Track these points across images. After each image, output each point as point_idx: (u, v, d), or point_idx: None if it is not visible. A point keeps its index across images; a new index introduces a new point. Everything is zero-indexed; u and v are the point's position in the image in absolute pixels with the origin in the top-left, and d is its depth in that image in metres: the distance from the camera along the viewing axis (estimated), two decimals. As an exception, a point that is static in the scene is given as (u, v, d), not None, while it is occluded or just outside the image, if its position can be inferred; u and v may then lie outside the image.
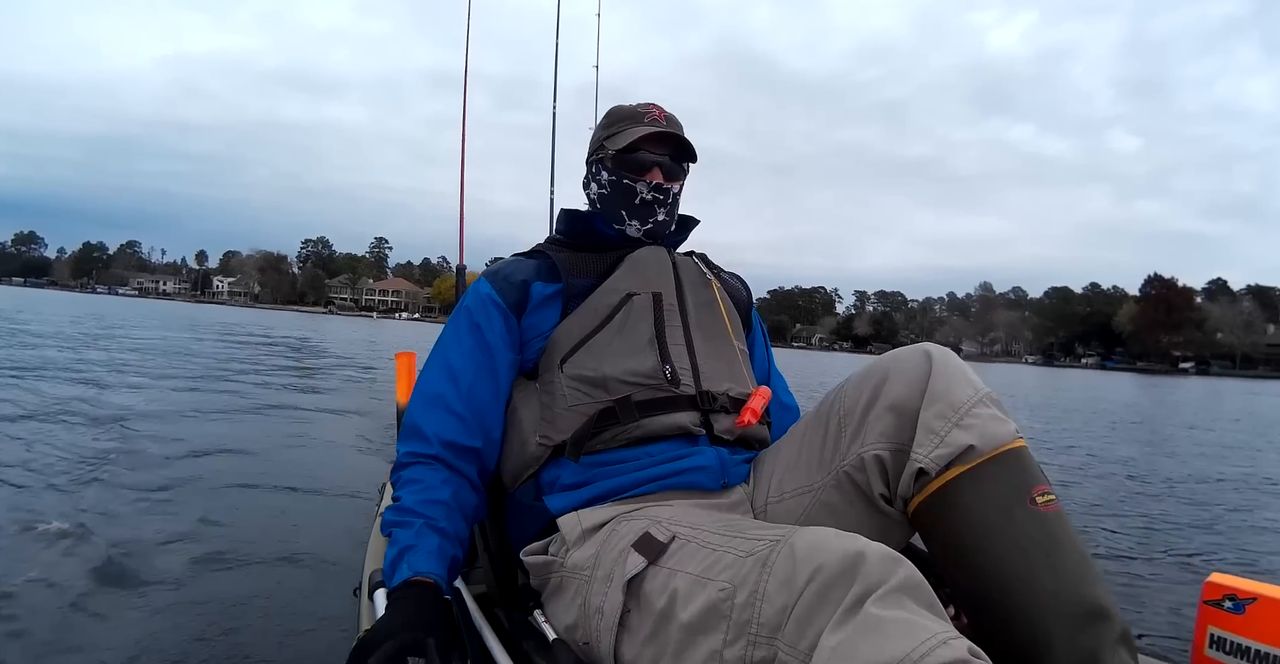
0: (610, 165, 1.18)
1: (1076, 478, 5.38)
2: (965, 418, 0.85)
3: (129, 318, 24.11)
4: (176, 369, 8.85)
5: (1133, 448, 7.66)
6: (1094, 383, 27.28)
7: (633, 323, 1.08)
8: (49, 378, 6.82)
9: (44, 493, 2.99)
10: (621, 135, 1.17)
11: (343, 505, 3.09)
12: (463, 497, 1.01)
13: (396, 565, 0.89)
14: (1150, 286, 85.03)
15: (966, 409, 0.85)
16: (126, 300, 68.71)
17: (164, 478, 3.36)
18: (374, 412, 6.26)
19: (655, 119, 1.18)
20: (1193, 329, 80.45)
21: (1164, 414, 13.48)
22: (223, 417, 5.36)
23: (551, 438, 1.03)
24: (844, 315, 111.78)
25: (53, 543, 2.39)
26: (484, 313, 1.09)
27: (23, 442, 3.95)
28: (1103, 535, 3.56)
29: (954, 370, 0.89)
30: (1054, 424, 10.02)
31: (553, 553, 0.97)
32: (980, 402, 0.86)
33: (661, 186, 1.17)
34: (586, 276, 1.13)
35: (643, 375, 1.04)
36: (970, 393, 0.87)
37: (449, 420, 1.04)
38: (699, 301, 1.17)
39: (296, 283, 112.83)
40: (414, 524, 0.93)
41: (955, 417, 0.85)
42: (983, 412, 0.86)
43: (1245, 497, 5.07)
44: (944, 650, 0.60)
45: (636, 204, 1.17)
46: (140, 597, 2.01)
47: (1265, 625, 0.87)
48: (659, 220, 1.19)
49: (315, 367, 11.45)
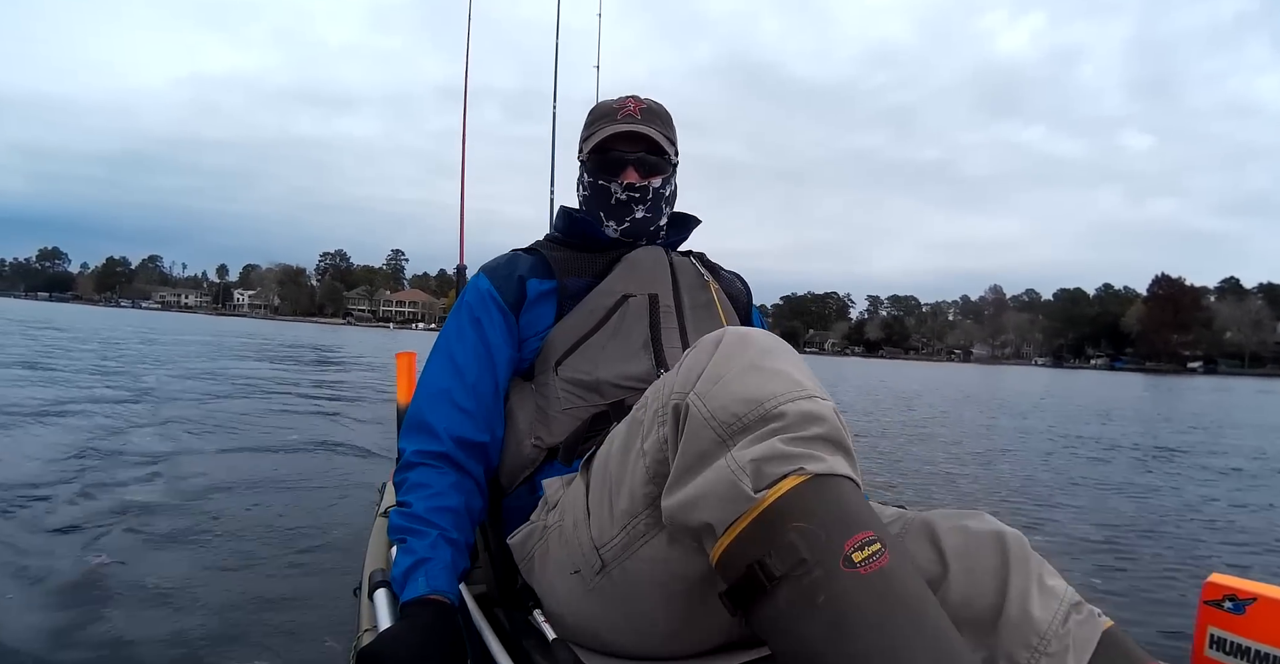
0: (588, 167, 1.19)
1: (1076, 478, 5.33)
2: (1052, 642, 0.72)
3: (162, 329, 24.83)
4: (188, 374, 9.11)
5: (1131, 449, 7.47)
6: (1097, 384, 26.75)
7: (628, 326, 1.08)
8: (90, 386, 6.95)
9: (43, 492, 3.01)
10: (594, 136, 1.17)
11: (342, 505, 3.07)
12: (471, 500, 1.00)
13: (412, 576, 0.86)
14: (1158, 286, 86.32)
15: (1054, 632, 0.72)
16: (151, 313, 70.02)
17: (162, 478, 3.39)
18: (373, 412, 6.26)
19: (629, 114, 1.16)
20: (1200, 328, 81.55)
21: (1162, 414, 13.44)
22: (221, 417, 5.37)
23: (545, 440, 1.04)
24: (856, 320, 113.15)
25: (51, 543, 2.40)
26: (484, 308, 1.10)
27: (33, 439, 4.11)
28: (1104, 535, 3.53)
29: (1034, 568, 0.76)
30: (1058, 425, 9.89)
31: (535, 518, 0.95)
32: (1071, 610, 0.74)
33: (635, 185, 1.16)
34: (583, 277, 1.13)
35: (637, 379, 1.03)
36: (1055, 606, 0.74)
37: (457, 415, 1.02)
38: (696, 303, 1.16)
39: (315, 295, 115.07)
40: (429, 534, 0.91)
41: (1043, 644, 0.72)
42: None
43: (1247, 494, 5.02)
44: (808, 403, 0.64)
45: (612, 205, 1.17)
46: (138, 596, 2.00)
47: (1265, 626, 0.86)
48: (637, 218, 1.17)
49: (320, 369, 11.60)
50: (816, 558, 0.60)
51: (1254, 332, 79.03)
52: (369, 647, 0.76)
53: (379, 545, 1.27)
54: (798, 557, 0.60)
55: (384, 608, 0.87)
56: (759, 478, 0.63)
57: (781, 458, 0.63)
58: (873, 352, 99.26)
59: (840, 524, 0.61)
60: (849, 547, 0.60)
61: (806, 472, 0.63)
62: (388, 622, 0.85)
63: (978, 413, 11.60)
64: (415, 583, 0.85)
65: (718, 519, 0.64)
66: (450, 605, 0.85)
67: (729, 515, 0.63)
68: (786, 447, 0.64)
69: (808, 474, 0.63)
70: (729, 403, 0.67)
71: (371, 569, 1.05)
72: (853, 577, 0.59)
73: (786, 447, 0.64)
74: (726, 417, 0.66)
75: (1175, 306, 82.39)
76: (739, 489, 0.63)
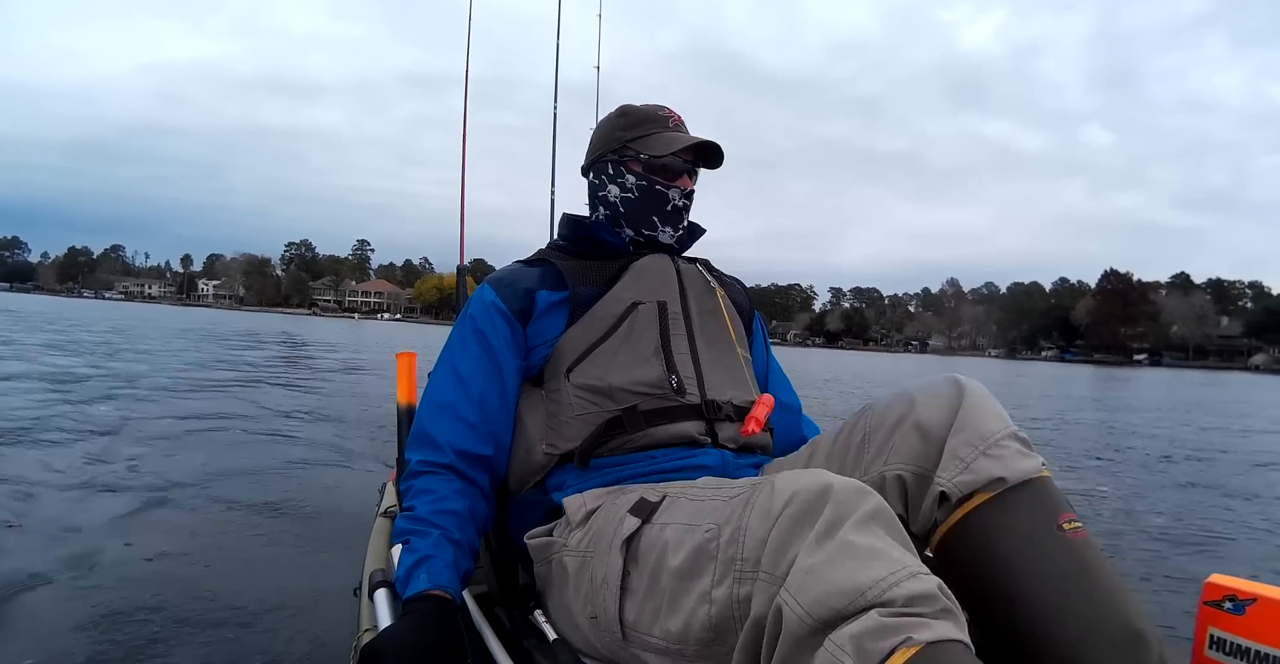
0: (640, 170, 1.18)
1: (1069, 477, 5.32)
2: (992, 448, 0.84)
3: (126, 321, 24.25)
4: (179, 370, 9.01)
5: (1094, 443, 7.50)
6: (1039, 375, 27.09)
7: (638, 332, 1.09)
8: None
9: (44, 491, 3.01)
10: (653, 139, 1.17)
11: (341, 505, 3.04)
12: (476, 506, 1.01)
13: (414, 573, 0.87)
14: (1107, 281, 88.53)
15: (994, 441, 0.84)
16: (114, 304, 68.11)
17: (159, 478, 3.37)
18: (373, 411, 6.20)
19: (678, 123, 1.20)
20: (1148, 322, 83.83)
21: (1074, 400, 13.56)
22: (218, 418, 5.31)
23: (558, 446, 1.04)
24: (819, 312, 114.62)
25: (51, 541, 2.40)
26: (488, 319, 1.10)
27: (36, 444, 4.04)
28: (1102, 535, 3.51)
29: (984, 403, 0.89)
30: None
31: (557, 535, 0.96)
32: (1008, 436, 0.85)
33: (691, 193, 1.20)
34: (592, 285, 1.13)
35: (649, 385, 1.05)
36: (999, 426, 0.86)
37: (460, 428, 1.03)
38: (703, 310, 1.17)
39: (281, 285, 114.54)
40: (431, 534, 0.92)
41: (983, 446, 0.84)
42: (1010, 445, 0.85)
43: None
44: (912, 583, 0.61)
45: (668, 211, 1.18)
46: (137, 596, 2.00)
47: (1265, 626, 0.86)
48: (683, 226, 1.22)
49: (310, 368, 11.50)
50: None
51: (1198, 325, 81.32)
52: (371, 644, 0.76)
53: (379, 546, 1.28)
54: None
55: (384, 608, 0.87)
56: (862, 656, 0.58)
57: (886, 630, 0.59)
58: (833, 342, 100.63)
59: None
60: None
61: (915, 641, 0.58)
62: (388, 621, 0.85)
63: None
64: (417, 579, 0.86)
65: None
66: (452, 601, 0.86)
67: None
68: (889, 619, 0.59)
69: (918, 644, 0.58)
70: (825, 598, 0.62)
71: (371, 569, 1.04)
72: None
73: (889, 619, 0.59)
74: (824, 613, 0.62)
75: (1123, 300, 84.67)
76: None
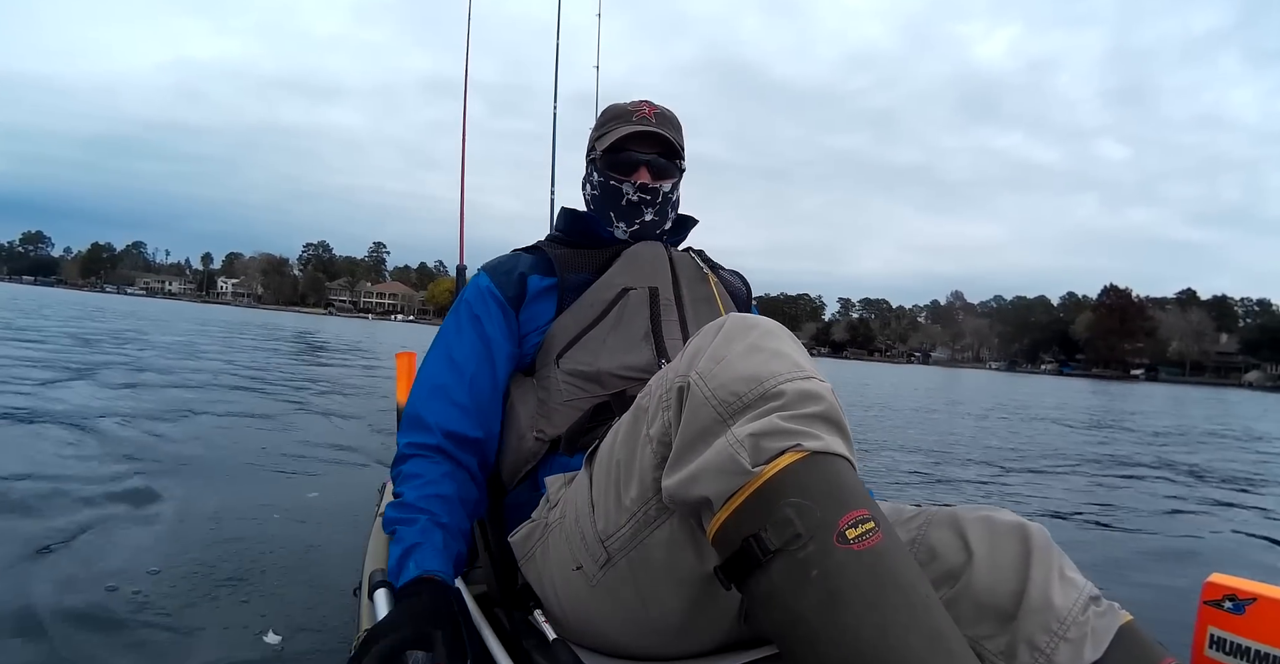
0: (600, 166, 1.19)
1: (1067, 477, 5.34)
2: (1071, 629, 0.74)
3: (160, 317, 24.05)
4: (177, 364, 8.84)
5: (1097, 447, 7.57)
6: (1030, 389, 26.67)
7: (628, 317, 1.09)
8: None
9: (45, 490, 2.90)
10: (608, 135, 1.18)
11: (341, 505, 2.99)
12: (465, 490, 1.00)
13: (404, 563, 0.87)
14: (1106, 296, 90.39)
15: (1073, 618, 0.74)
16: (139, 300, 69.24)
17: (157, 478, 3.29)
18: (372, 412, 6.20)
19: (644, 116, 1.18)
20: (1146, 337, 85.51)
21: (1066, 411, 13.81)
22: (217, 416, 5.23)
23: (547, 432, 1.04)
24: (827, 322, 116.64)
25: (49, 541, 2.30)
26: (483, 305, 1.11)
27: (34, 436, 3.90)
28: (1102, 535, 3.53)
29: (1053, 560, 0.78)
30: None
31: (536, 516, 0.95)
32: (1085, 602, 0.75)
33: (648, 186, 1.17)
34: (583, 272, 1.13)
35: (638, 370, 1.04)
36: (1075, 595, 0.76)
37: (452, 411, 1.03)
38: (696, 296, 1.17)
39: (298, 285, 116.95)
40: (418, 520, 0.92)
41: (1062, 629, 0.73)
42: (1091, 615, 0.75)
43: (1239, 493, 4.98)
44: (807, 383, 0.63)
45: (623, 206, 1.18)
46: (134, 596, 1.93)
47: (1265, 625, 0.85)
48: (646, 221, 1.19)
49: (315, 364, 11.42)
50: (811, 533, 0.61)
51: (1196, 341, 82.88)
52: (368, 634, 0.76)
53: (378, 545, 1.24)
54: (793, 531, 0.61)
55: (384, 608, 0.86)
56: (757, 453, 0.64)
57: (780, 434, 0.64)
58: (838, 352, 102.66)
59: (835, 501, 0.62)
60: (843, 523, 0.61)
61: (804, 448, 0.64)
62: None
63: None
64: (407, 569, 0.86)
65: (716, 493, 0.65)
66: (445, 584, 0.85)
67: (727, 489, 0.64)
68: (785, 423, 0.65)
69: (805, 451, 0.64)
70: (729, 382, 0.68)
71: (371, 569, 1.01)
72: (846, 552, 0.60)
73: (785, 423, 0.65)
74: (727, 395, 0.67)
75: (1122, 316, 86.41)
76: (737, 463, 0.64)
